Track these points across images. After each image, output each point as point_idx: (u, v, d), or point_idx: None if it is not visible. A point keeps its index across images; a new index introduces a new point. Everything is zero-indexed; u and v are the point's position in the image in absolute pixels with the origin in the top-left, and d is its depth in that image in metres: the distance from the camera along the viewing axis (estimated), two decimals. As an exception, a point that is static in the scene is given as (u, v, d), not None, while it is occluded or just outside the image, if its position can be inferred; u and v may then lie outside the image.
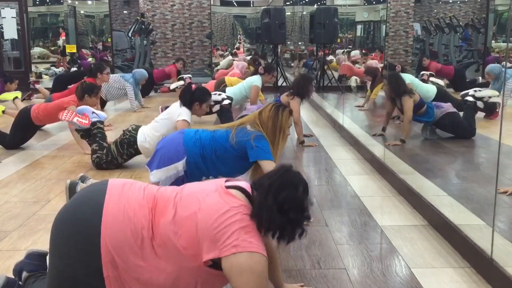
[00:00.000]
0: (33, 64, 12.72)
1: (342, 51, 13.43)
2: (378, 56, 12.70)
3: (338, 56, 12.26)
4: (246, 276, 1.66)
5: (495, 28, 12.23)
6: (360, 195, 3.68)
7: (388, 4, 12.43)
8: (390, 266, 2.54)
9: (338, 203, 3.53)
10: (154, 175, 3.03)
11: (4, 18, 10.63)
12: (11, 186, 3.93)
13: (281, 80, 10.55)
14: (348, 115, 7.01)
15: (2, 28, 10.90)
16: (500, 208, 3.25)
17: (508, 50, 5.95)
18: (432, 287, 2.33)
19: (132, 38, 12.07)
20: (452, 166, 4.72)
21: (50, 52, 14.50)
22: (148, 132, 4.28)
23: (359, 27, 15.62)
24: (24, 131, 5.23)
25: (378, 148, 4.86)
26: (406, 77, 6.14)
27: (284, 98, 5.31)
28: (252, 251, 1.67)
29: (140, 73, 8.10)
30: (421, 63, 9.47)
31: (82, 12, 13.99)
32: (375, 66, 9.31)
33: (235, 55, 14.73)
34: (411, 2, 12.53)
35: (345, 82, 10.41)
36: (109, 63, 11.11)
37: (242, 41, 18.13)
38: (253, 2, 17.60)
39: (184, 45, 12.43)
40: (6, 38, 11.09)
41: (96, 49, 14.00)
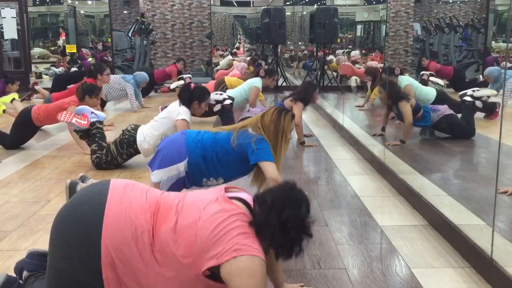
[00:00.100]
0: (33, 64, 12.73)
1: (342, 51, 13.44)
2: (378, 56, 12.70)
3: (338, 57, 12.28)
4: (246, 278, 1.65)
5: (495, 28, 12.23)
6: (360, 195, 3.68)
7: (388, 4, 12.43)
8: (390, 266, 2.54)
9: (338, 203, 3.53)
10: (156, 175, 3.02)
11: (4, 18, 10.62)
12: (11, 186, 3.93)
13: (281, 80, 10.54)
14: (348, 115, 7.01)
15: (2, 28, 10.90)
16: (500, 208, 3.25)
17: (508, 50, 5.95)
18: (432, 287, 2.33)
19: (132, 38, 12.07)
20: (452, 166, 4.72)
21: (50, 52, 14.50)
22: (147, 131, 4.27)
23: (359, 27, 15.62)
24: (24, 132, 5.23)
25: (378, 148, 4.86)
26: (406, 79, 6.14)
27: (287, 102, 5.30)
28: (252, 254, 1.67)
29: (141, 76, 8.11)
30: (420, 63, 9.48)
31: (82, 12, 13.99)
32: (375, 66, 9.31)
33: (234, 55, 14.73)
34: (411, 2, 12.53)
35: (345, 82, 10.42)
36: (109, 63, 11.11)
37: (242, 41, 18.13)
38: (253, 2, 17.60)
39: (184, 45, 12.43)
40: (6, 38, 11.09)
41: (96, 49, 14.00)
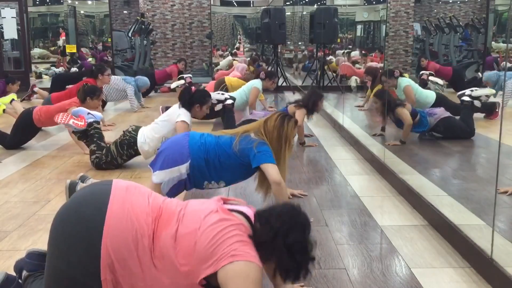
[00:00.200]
0: (33, 64, 12.72)
1: (342, 52, 13.44)
2: (378, 56, 12.69)
3: (338, 57, 12.26)
4: (241, 282, 1.65)
5: (495, 28, 12.23)
6: (360, 195, 3.68)
7: (388, 4, 12.43)
8: (390, 266, 2.54)
9: (338, 203, 3.53)
10: (157, 176, 3.01)
11: (4, 18, 10.61)
12: (11, 186, 3.93)
13: (281, 80, 10.54)
14: (348, 115, 7.02)
15: (2, 28, 10.90)
16: (500, 208, 3.25)
17: (508, 50, 5.95)
18: (432, 287, 2.33)
19: (132, 38, 12.07)
20: (452, 166, 4.72)
21: (50, 53, 14.49)
22: (148, 133, 4.27)
23: (359, 27, 15.61)
24: (25, 133, 5.23)
25: (378, 148, 4.86)
26: (406, 80, 6.12)
27: (291, 108, 5.24)
28: (249, 260, 1.68)
29: (143, 81, 8.13)
30: (419, 63, 9.49)
31: (82, 12, 13.99)
32: (375, 66, 9.31)
33: (234, 55, 14.74)
34: (411, 2, 12.53)
35: (345, 82, 10.41)
36: (109, 63, 11.12)
37: (242, 41, 18.13)
38: (253, 2, 17.60)
39: (184, 45, 12.43)
40: (6, 38, 11.08)
41: (96, 49, 13.99)
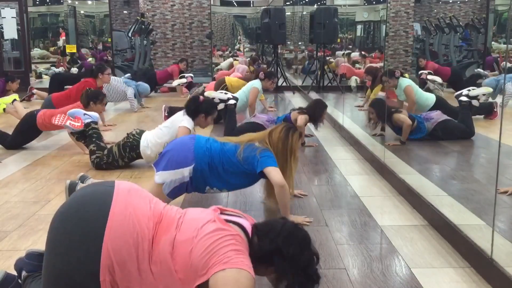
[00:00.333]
0: (33, 64, 12.72)
1: (342, 53, 13.41)
2: (378, 56, 12.67)
3: (337, 59, 12.21)
4: None
5: (495, 28, 12.22)
6: (360, 195, 3.68)
7: (388, 4, 12.41)
8: (390, 266, 2.54)
9: (338, 203, 3.53)
10: (160, 176, 3.00)
11: (4, 18, 10.62)
12: (11, 186, 3.94)
13: (281, 80, 10.54)
14: (348, 115, 7.01)
15: (2, 28, 10.90)
16: (500, 208, 3.25)
17: (507, 51, 5.95)
18: (432, 287, 2.33)
19: (132, 38, 12.07)
20: (452, 166, 4.72)
21: (50, 53, 14.49)
22: (151, 138, 4.29)
23: (359, 27, 15.59)
24: (27, 135, 5.25)
25: (378, 148, 4.86)
26: (406, 81, 6.11)
27: (294, 114, 5.19)
28: (241, 268, 1.67)
29: (144, 87, 8.15)
30: (418, 64, 9.50)
31: (82, 12, 13.99)
32: (376, 66, 9.30)
33: (235, 56, 14.77)
34: (411, 2, 12.52)
35: (345, 82, 10.40)
36: (109, 62, 11.12)
37: (242, 41, 18.14)
38: (253, 2, 17.59)
39: (184, 45, 12.43)
40: (6, 38, 11.09)
41: (96, 49, 13.99)
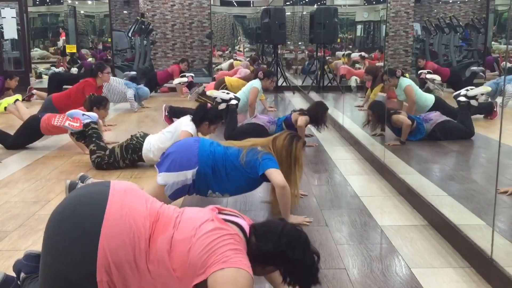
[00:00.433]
0: (33, 64, 12.71)
1: (342, 53, 13.40)
2: (378, 56, 12.66)
3: (335, 62, 12.15)
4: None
5: (495, 28, 12.22)
6: (360, 195, 3.68)
7: (388, 4, 12.41)
8: (390, 266, 2.54)
9: (338, 203, 3.53)
10: (162, 178, 2.99)
11: (4, 18, 10.61)
12: (11, 186, 3.94)
13: (281, 80, 10.53)
14: (348, 115, 7.01)
15: (2, 28, 10.89)
16: (500, 208, 3.25)
17: (507, 51, 5.95)
18: (432, 287, 2.33)
19: (132, 38, 12.07)
20: (452, 166, 4.72)
21: (50, 54, 14.48)
22: (154, 142, 4.30)
23: (359, 27, 15.58)
24: (29, 138, 5.27)
25: (378, 148, 4.86)
26: (407, 81, 6.11)
27: (295, 115, 5.21)
28: (239, 267, 1.68)
29: (144, 91, 8.16)
30: (417, 64, 9.50)
31: (82, 12, 13.98)
32: (376, 66, 9.30)
33: (235, 56, 14.78)
34: (411, 2, 12.51)
35: (345, 82, 10.40)
36: (109, 61, 11.11)
37: (242, 41, 18.14)
38: (253, 2, 17.57)
39: (184, 45, 12.42)
40: (6, 38, 11.08)
41: (96, 49, 13.99)
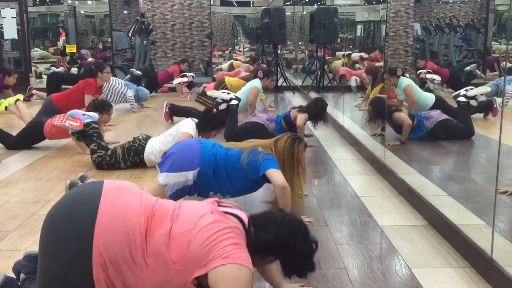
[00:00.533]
0: (33, 64, 12.71)
1: (342, 54, 13.39)
2: (378, 56, 12.65)
3: (334, 63, 12.12)
4: (231, 285, 1.65)
5: (495, 28, 12.22)
6: (360, 195, 3.68)
7: (388, 4, 12.40)
8: (390, 266, 2.54)
9: (338, 203, 3.53)
10: (164, 178, 2.98)
11: (4, 18, 10.61)
12: (11, 186, 3.94)
13: (281, 80, 10.53)
14: (348, 115, 7.01)
15: (2, 28, 10.89)
16: (500, 208, 3.25)
17: (507, 51, 5.95)
18: (432, 287, 2.33)
19: (132, 38, 12.07)
20: (452, 166, 4.72)
21: (50, 54, 14.48)
22: (156, 145, 4.32)
23: (359, 27, 15.58)
24: (31, 141, 5.27)
25: (378, 148, 4.86)
26: (407, 80, 6.11)
27: (294, 112, 5.20)
28: (241, 263, 1.68)
29: (143, 93, 8.17)
30: (416, 64, 9.50)
31: (82, 12, 13.97)
32: (376, 66, 9.30)
33: (235, 56, 14.79)
34: (411, 2, 12.51)
35: (345, 82, 10.40)
36: (108, 59, 11.11)
37: (242, 41, 18.15)
38: (253, 2, 17.57)
39: (184, 45, 12.42)
40: (6, 38, 11.08)
41: (96, 49, 13.99)
